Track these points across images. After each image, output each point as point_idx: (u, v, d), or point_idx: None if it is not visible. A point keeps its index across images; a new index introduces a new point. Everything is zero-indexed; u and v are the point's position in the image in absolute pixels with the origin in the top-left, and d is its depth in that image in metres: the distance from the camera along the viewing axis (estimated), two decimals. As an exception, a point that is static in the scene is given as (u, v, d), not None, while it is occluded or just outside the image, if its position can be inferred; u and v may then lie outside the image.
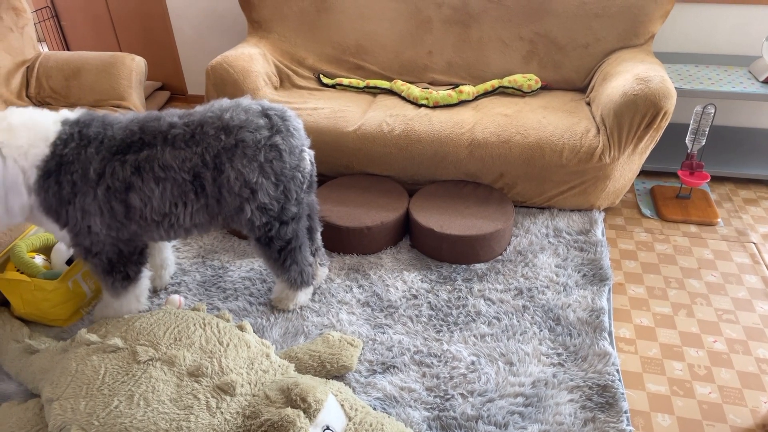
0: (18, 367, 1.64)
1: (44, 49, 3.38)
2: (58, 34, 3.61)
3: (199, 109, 1.64)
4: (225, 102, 1.65)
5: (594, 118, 2.29)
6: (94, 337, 1.44)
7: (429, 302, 1.91)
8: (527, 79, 2.53)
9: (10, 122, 1.47)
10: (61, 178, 1.50)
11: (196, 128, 1.56)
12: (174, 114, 1.61)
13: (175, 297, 1.89)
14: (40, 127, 1.49)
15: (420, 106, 2.49)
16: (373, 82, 2.69)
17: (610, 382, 1.58)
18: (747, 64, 2.66)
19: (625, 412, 1.51)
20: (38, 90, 2.64)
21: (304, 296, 1.89)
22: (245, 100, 1.66)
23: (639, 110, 2.05)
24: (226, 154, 1.55)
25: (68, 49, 3.68)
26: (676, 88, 2.39)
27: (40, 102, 2.65)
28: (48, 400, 1.36)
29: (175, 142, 1.54)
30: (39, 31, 3.56)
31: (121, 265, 1.67)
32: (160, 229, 1.61)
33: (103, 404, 1.28)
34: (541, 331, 1.78)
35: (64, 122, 1.53)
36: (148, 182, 1.52)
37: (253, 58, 2.56)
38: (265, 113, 1.62)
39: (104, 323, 1.57)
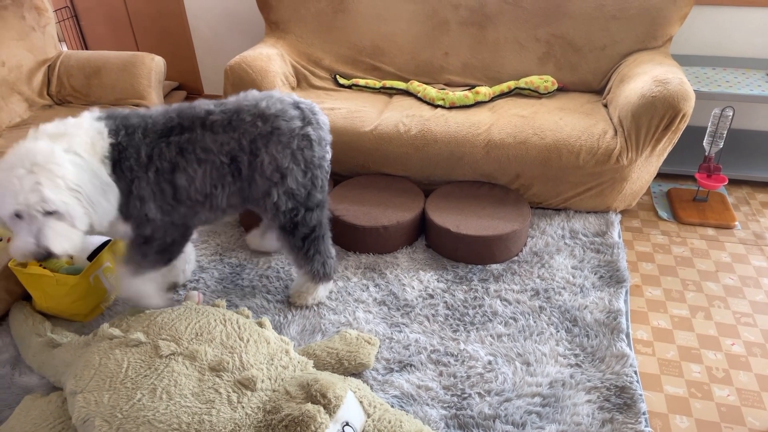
0: (40, 361, 1.66)
1: (64, 48, 3.43)
2: (77, 34, 3.66)
3: (232, 98, 1.70)
4: (257, 93, 1.71)
5: (611, 119, 2.29)
6: (116, 332, 1.46)
7: (445, 302, 1.92)
8: (544, 81, 2.53)
9: (52, 131, 1.45)
10: (123, 166, 1.52)
11: (233, 115, 1.63)
12: (207, 103, 1.67)
13: (194, 293, 1.91)
14: (86, 124, 1.51)
15: (436, 106, 2.50)
16: (389, 83, 2.70)
17: (628, 384, 1.58)
18: (765, 68, 2.64)
19: (644, 414, 1.51)
20: (59, 88, 2.68)
21: (323, 291, 1.91)
22: (277, 92, 1.73)
23: (657, 112, 2.05)
24: (262, 140, 1.63)
25: (87, 49, 3.73)
26: (694, 90, 2.38)
27: (61, 100, 2.69)
28: (71, 392, 1.38)
29: (213, 127, 1.61)
30: (58, 31, 3.61)
31: (169, 252, 1.72)
32: (204, 210, 1.67)
33: (127, 397, 1.30)
34: (558, 332, 1.78)
35: (99, 118, 1.56)
36: (192, 163, 1.58)
37: (271, 59, 2.58)
38: (297, 105, 1.71)
39: (125, 318, 1.59)
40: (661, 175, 2.73)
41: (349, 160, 2.45)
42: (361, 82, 2.73)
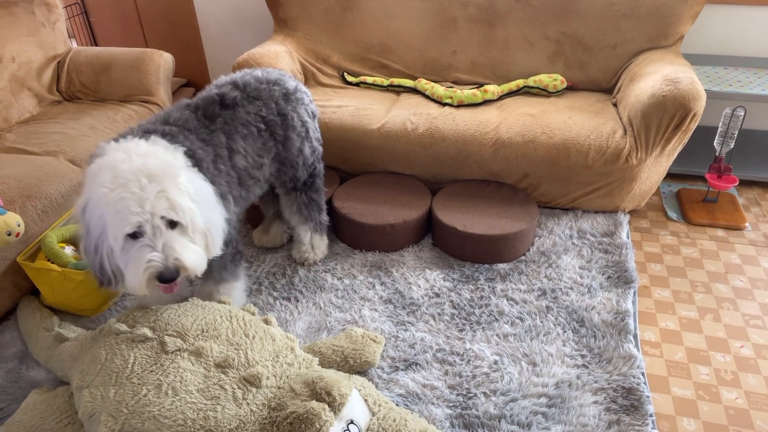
0: (47, 355, 1.67)
1: (73, 44, 3.44)
2: (87, 31, 3.68)
3: (212, 87, 1.73)
4: (231, 74, 1.79)
5: (621, 119, 2.27)
6: (123, 327, 1.46)
7: (451, 301, 1.91)
8: (553, 79, 2.51)
9: (141, 151, 1.34)
10: (203, 169, 1.48)
11: (245, 87, 1.71)
12: (206, 93, 1.70)
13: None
14: (148, 142, 1.41)
15: (444, 104, 2.49)
16: (397, 81, 2.69)
17: (635, 385, 1.56)
18: (778, 67, 2.61)
19: (651, 416, 1.49)
20: (68, 84, 2.69)
21: (325, 242, 2.13)
22: (248, 69, 1.85)
23: (667, 111, 2.03)
24: (283, 101, 1.76)
25: (96, 45, 3.74)
26: (705, 90, 2.35)
27: (71, 96, 2.71)
28: (78, 387, 1.39)
29: (238, 103, 1.67)
30: (68, 27, 3.62)
31: (238, 246, 1.72)
32: (258, 185, 1.75)
33: (132, 392, 1.30)
34: (565, 332, 1.77)
35: (146, 133, 1.47)
36: (239, 140, 1.64)
37: (279, 56, 2.58)
38: (281, 72, 1.88)
39: (132, 313, 1.60)
40: (670, 176, 2.71)
41: (356, 158, 2.45)
42: (369, 79, 2.73)
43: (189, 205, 1.31)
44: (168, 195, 1.28)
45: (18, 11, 2.56)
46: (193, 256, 1.32)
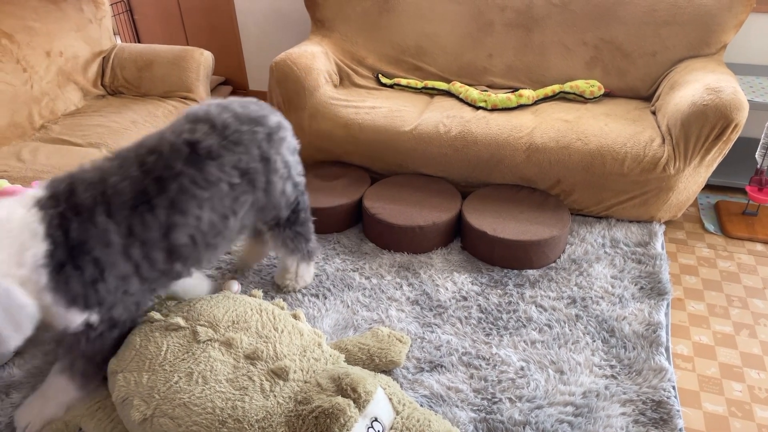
0: (84, 340, 1.73)
1: (118, 41, 3.55)
2: (131, 28, 3.79)
3: (181, 121, 1.52)
4: (203, 106, 1.57)
5: (659, 127, 2.23)
6: (157, 316, 1.50)
7: (479, 305, 1.90)
8: (590, 86, 2.48)
9: None
10: (79, 262, 1.27)
11: (224, 131, 1.49)
12: (172, 137, 1.45)
13: (233, 282, 1.95)
14: (17, 221, 1.22)
15: (478, 108, 2.48)
16: (431, 83, 2.70)
17: (666, 398, 1.53)
18: (827, 78, 2.53)
19: (680, 430, 1.46)
20: (112, 79, 2.77)
21: (312, 270, 2.03)
22: (218, 100, 1.62)
23: (708, 121, 1.98)
24: (267, 143, 1.58)
25: (140, 42, 3.85)
26: (747, 100, 2.29)
27: (114, 91, 2.79)
28: (112, 372, 1.43)
29: (212, 154, 1.44)
30: (113, 24, 3.73)
31: (125, 331, 1.48)
32: (209, 251, 1.51)
33: (164, 379, 1.34)
34: (594, 341, 1.74)
35: (39, 204, 1.27)
36: (191, 210, 1.40)
37: (316, 56, 2.61)
38: (257, 103, 1.68)
39: (165, 303, 1.64)
40: (709, 187, 2.65)
41: (387, 159, 2.46)
42: (403, 81, 2.74)
43: None
44: None
45: (67, 7, 2.65)
46: None
